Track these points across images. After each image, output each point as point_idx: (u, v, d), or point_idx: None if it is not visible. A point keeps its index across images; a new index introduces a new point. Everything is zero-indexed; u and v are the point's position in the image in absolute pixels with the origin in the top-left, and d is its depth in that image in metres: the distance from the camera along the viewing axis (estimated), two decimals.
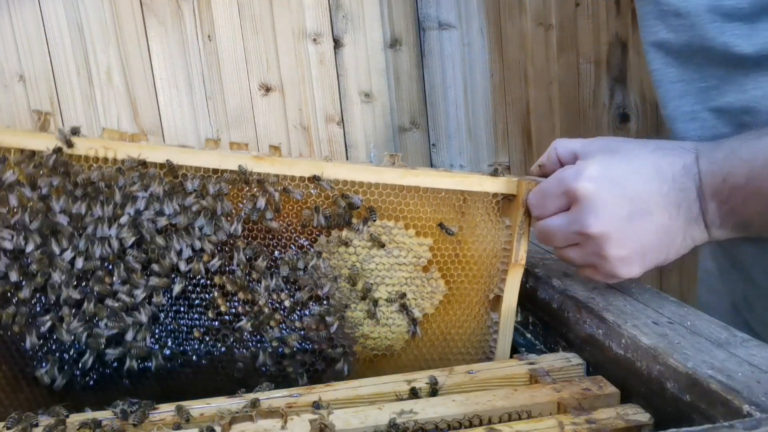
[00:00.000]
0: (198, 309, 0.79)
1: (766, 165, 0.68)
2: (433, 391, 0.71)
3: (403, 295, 0.84)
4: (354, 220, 0.81)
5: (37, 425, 0.65)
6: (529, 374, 0.73)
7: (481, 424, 0.64)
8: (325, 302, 0.82)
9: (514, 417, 0.65)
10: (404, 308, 0.84)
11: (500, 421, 0.64)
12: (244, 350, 0.80)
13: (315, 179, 0.80)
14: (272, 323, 0.80)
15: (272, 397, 0.69)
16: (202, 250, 0.78)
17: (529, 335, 0.90)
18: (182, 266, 0.77)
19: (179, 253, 0.77)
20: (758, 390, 0.54)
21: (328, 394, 0.69)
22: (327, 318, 0.81)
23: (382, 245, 0.83)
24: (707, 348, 0.63)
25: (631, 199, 0.73)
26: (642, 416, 0.62)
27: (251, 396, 0.69)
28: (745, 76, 0.79)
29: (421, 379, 0.72)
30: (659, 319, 0.71)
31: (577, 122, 1.34)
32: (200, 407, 0.68)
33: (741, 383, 0.56)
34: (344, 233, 0.82)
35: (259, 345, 0.81)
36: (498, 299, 0.86)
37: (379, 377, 0.73)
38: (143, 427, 0.65)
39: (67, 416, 0.66)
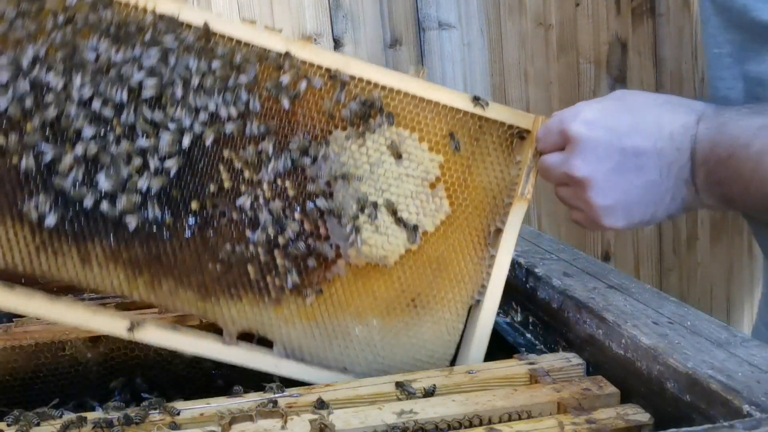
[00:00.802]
0: (200, 179, 0.78)
1: (746, 145, 0.67)
2: (428, 393, 0.71)
3: (395, 211, 0.84)
4: (371, 120, 0.82)
5: (38, 424, 0.65)
6: (529, 374, 0.73)
7: (481, 424, 0.64)
8: (330, 197, 0.81)
9: (514, 417, 0.65)
10: (400, 221, 0.84)
11: (500, 421, 0.64)
12: (237, 233, 0.79)
13: (337, 73, 0.81)
14: (272, 208, 0.80)
15: (272, 398, 0.69)
16: (218, 116, 0.78)
17: (529, 335, 0.90)
18: (196, 127, 0.77)
19: (196, 112, 0.77)
20: (758, 390, 0.54)
21: (328, 394, 0.69)
22: (341, 219, 0.81)
23: (399, 156, 0.83)
24: (707, 348, 0.63)
25: (622, 149, 0.73)
26: (642, 416, 0.62)
27: (265, 396, 0.69)
28: (762, 45, 0.77)
29: (421, 379, 0.72)
30: (659, 319, 0.71)
31: None
32: (200, 407, 0.68)
33: (741, 383, 0.56)
34: (360, 130, 0.82)
35: (254, 230, 0.80)
36: (498, 233, 0.86)
37: (378, 377, 0.74)
38: (143, 427, 0.65)
39: (61, 416, 0.66)
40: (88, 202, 0.73)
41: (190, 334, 0.77)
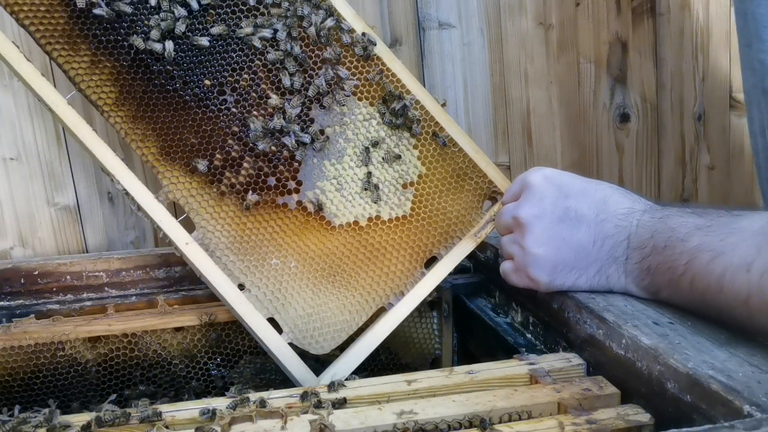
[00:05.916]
0: (226, 67, 0.89)
1: (683, 240, 0.70)
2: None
3: (376, 186, 0.93)
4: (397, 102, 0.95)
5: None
6: (530, 374, 0.72)
7: (481, 424, 0.64)
8: (318, 141, 0.92)
9: (514, 417, 0.65)
10: (375, 187, 0.93)
11: (500, 422, 0.64)
12: (226, 123, 0.89)
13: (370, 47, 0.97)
14: (266, 123, 0.89)
15: (272, 398, 0.69)
16: (276, 39, 0.91)
17: (529, 335, 0.90)
18: (253, 35, 0.90)
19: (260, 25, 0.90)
20: (759, 390, 0.54)
21: (327, 394, 0.69)
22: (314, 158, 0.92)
23: (398, 157, 0.95)
24: (708, 348, 0.63)
25: (567, 208, 0.78)
26: (642, 416, 0.62)
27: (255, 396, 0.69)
28: None
29: (421, 379, 0.72)
30: (660, 319, 0.71)
31: (577, 122, 1.34)
32: (200, 408, 0.68)
33: (742, 383, 0.56)
34: (382, 112, 0.95)
35: (241, 130, 0.89)
36: (434, 260, 0.93)
37: (379, 377, 0.74)
38: (142, 428, 0.65)
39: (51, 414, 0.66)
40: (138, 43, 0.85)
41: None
